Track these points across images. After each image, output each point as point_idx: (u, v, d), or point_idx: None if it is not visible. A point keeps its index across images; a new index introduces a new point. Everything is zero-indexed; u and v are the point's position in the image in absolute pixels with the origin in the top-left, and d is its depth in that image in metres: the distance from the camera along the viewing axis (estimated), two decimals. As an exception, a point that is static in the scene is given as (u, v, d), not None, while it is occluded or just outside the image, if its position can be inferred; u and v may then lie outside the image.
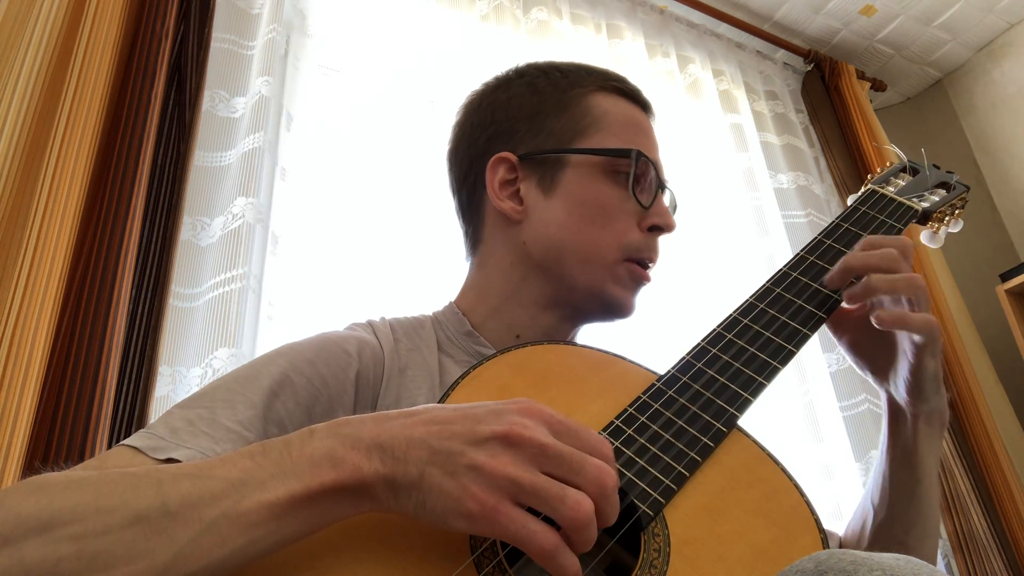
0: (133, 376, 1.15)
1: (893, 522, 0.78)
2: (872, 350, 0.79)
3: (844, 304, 0.74)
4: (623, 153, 0.82)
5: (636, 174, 0.82)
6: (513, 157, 0.84)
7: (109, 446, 1.06)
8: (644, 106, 0.91)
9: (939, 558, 1.88)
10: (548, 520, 0.46)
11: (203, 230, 1.36)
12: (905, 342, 0.73)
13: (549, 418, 0.50)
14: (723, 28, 2.46)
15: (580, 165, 0.82)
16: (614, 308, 0.82)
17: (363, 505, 0.48)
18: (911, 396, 0.75)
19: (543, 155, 0.83)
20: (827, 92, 2.58)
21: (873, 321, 0.70)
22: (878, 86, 2.72)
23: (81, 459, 1.02)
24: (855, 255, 0.73)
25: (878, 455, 0.81)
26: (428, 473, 0.47)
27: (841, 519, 1.73)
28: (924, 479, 0.76)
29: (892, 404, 0.79)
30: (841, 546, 0.86)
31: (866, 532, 0.80)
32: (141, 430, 0.60)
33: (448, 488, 0.46)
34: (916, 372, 0.73)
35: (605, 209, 0.81)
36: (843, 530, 0.88)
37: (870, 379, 0.81)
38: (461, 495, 0.46)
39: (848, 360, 0.83)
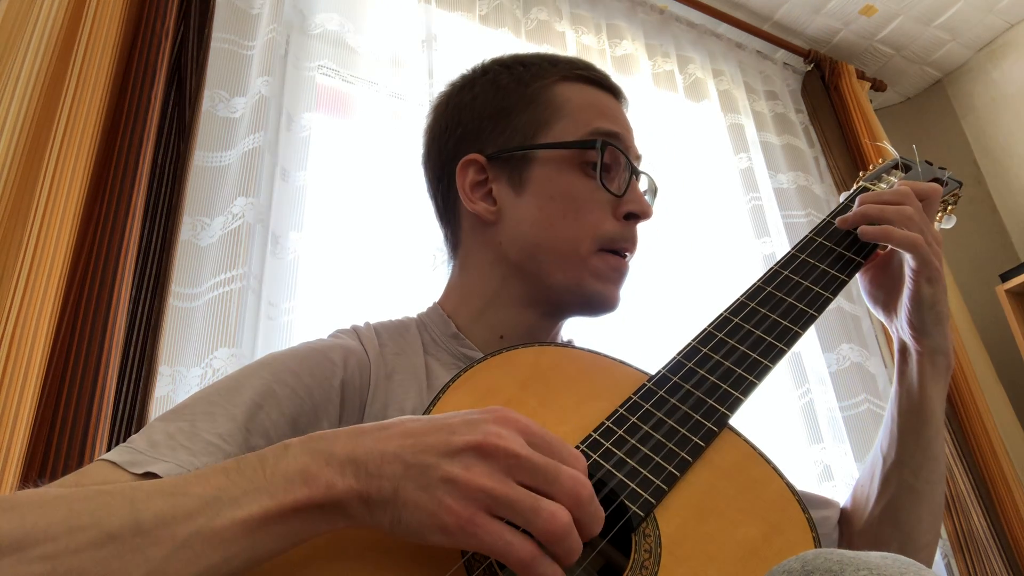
0: (133, 376, 1.15)
1: (903, 465, 0.80)
2: (884, 283, 0.84)
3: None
4: (588, 144, 0.80)
5: (604, 163, 0.80)
6: (481, 158, 0.83)
7: (109, 446, 1.07)
8: (613, 91, 0.88)
9: (939, 558, 1.88)
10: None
11: (203, 230, 1.36)
12: (906, 269, 0.78)
13: (525, 428, 0.49)
14: (723, 28, 2.46)
15: (547, 160, 0.81)
16: (595, 303, 0.81)
17: (337, 522, 0.48)
18: (912, 328, 0.79)
19: (510, 153, 0.82)
20: (827, 92, 2.58)
21: (859, 234, 0.78)
22: (878, 86, 2.72)
23: (81, 460, 1.02)
24: (872, 206, 0.79)
25: (888, 403, 0.84)
26: (403, 488, 0.46)
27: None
28: (931, 421, 0.79)
29: (900, 344, 0.83)
30: (844, 516, 0.89)
31: (875, 482, 0.83)
32: (121, 444, 0.59)
33: (423, 502, 0.46)
34: (914, 298, 0.77)
35: (576, 202, 0.79)
36: (847, 499, 0.90)
37: (881, 316, 0.86)
38: (436, 509, 0.45)
39: (867, 303, 0.88)
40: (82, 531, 0.44)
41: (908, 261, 0.77)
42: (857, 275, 0.80)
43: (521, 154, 0.82)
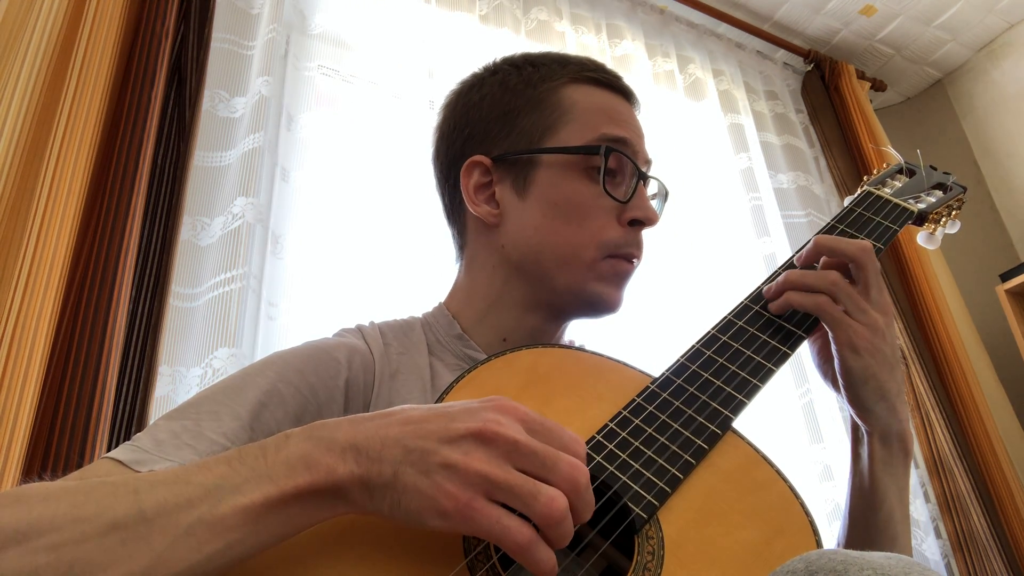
0: (133, 376, 1.15)
1: (851, 548, 0.75)
2: (828, 356, 0.77)
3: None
4: (591, 150, 0.78)
5: (608, 168, 0.78)
6: (487, 160, 0.82)
7: (109, 446, 1.07)
8: (624, 93, 0.87)
9: (939, 558, 1.88)
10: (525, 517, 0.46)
11: (203, 230, 1.36)
12: (831, 342, 0.72)
13: (524, 415, 0.50)
14: (723, 28, 2.46)
15: (552, 164, 0.80)
16: (598, 306, 0.80)
17: (338, 507, 0.48)
18: (852, 405, 0.73)
19: (515, 156, 0.81)
20: (827, 92, 2.58)
21: (771, 307, 0.72)
22: (878, 86, 2.72)
23: (81, 460, 1.02)
24: (792, 271, 0.73)
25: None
26: (402, 472, 0.47)
27: (841, 519, 1.73)
28: (880, 508, 0.73)
29: (852, 421, 0.77)
30: None
31: None
32: (127, 442, 0.60)
33: (422, 487, 0.46)
34: (845, 374, 0.71)
35: (580, 208, 0.78)
36: None
37: (830, 387, 0.78)
38: (435, 493, 0.46)
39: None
40: (86, 521, 0.45)
41: (830, 335, 0.71)
42: (806, 342, 0.74)
43: (526, 157, 0.81)
